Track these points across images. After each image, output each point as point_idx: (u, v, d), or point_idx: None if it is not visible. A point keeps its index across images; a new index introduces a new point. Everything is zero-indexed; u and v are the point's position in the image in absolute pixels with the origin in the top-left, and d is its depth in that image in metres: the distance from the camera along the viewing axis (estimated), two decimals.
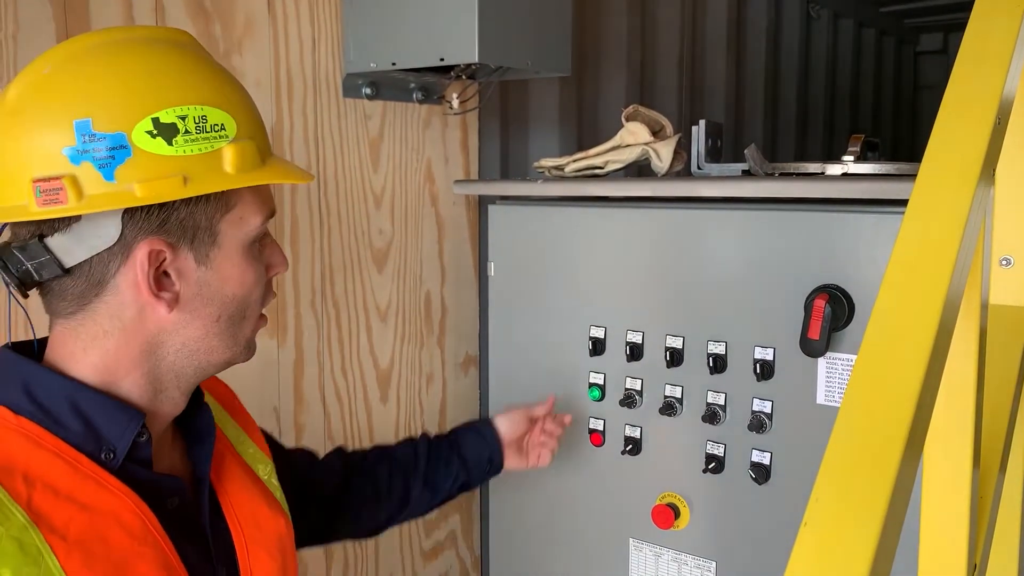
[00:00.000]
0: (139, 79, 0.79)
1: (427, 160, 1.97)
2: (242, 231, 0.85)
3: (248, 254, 0.86)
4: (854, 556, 0.56)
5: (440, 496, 1.39)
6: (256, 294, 0.89)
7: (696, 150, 1.62)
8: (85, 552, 0.75)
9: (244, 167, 0.83)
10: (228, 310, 0.86)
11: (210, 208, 0.83)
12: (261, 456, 1.04)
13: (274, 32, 1.66)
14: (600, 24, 2.35)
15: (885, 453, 0.61)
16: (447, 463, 1.38)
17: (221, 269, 0.85)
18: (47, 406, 0.80)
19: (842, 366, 1.36)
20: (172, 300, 0.82)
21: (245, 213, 0.85)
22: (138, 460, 0.83)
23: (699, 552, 1.56)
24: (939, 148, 0.85)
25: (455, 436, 1.43)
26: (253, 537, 0.93)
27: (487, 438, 1.43)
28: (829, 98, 3.70)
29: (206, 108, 0.81)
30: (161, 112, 0.78)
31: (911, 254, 0.77)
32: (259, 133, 0.87)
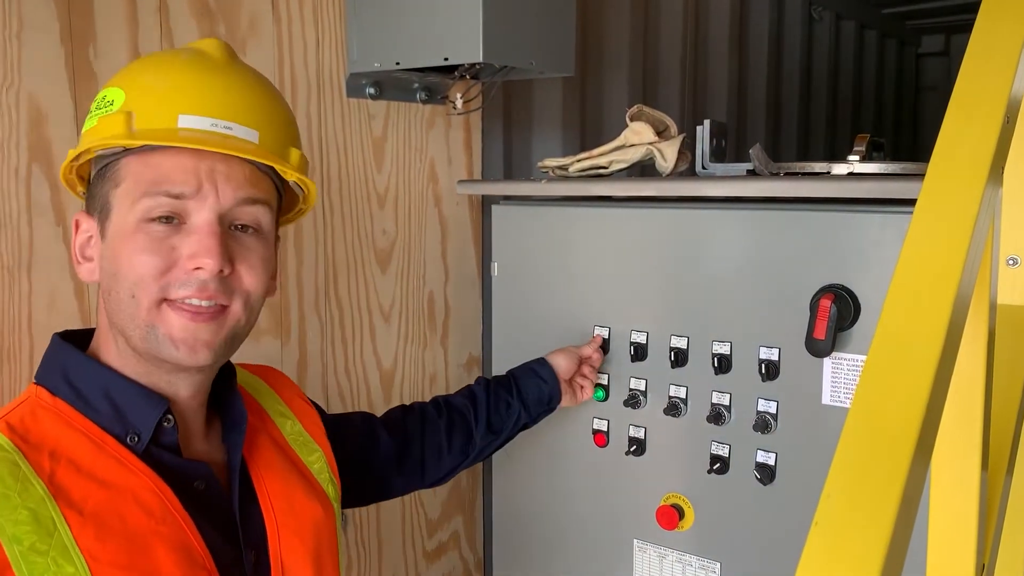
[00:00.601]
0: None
1: (430, 160, 1.97)
2: (129, 204, 0.87)
3: (137, 231, 0.86)
4: (866, 556, 0.56)
5: (502, 438, 1.45)
6: (139, 272, 0.85)
7: (700, 150, 1.62)
8: (99, 526, 0.79)
9: (103, 136, 0.87)
10: (115, 286, 0.87)
11: (106, 182, 0.89)
12: (311, 445, 1.07)
13: (278, 32, 1.66)
14: (603, 24, 2.35)
15: (896, 452, 0.61)
16: (508, 405, 1.43)
17: (112, 243, 0.88)
18: (81, 389, 0.87)
19: (848, 366, 1.36)
20: (90, 271, 0.90)
21: (131, 188, 0.87)
22: (164, 445, 0.88)
23: (704, 553, 1.56)
24: (947, 147, 0.84)
25: (514, 378, 1.48)
26: (286, 523, 0.95)
27: (546, 379, 1.48)
28: (831, 99, 3.70)
29: (111, 89, 0.90)
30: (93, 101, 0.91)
31: (920, 254, 0.76)
32: (149, 108, 0.87)
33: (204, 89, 0.89)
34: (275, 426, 1.06)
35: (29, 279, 1.38)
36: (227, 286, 0.88)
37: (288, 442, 1.05)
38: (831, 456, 1.41)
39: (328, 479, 1.07)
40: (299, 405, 1.12)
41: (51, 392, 0.87)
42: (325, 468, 1.07)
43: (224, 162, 0.88)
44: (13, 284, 1.36)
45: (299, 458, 1.05)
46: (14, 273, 1.36)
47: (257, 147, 0.89)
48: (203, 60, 0.91)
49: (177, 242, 0.86)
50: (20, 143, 1.35)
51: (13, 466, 0.80)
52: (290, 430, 1.07)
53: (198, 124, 0.87)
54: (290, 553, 0.95)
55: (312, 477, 1.04)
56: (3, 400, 1.36)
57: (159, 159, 0.86)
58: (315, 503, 1.00)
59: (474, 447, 1.40)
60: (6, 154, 1.34)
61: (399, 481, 1.32)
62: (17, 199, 1.36)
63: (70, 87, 1.40)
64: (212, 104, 0.89)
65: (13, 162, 1.35)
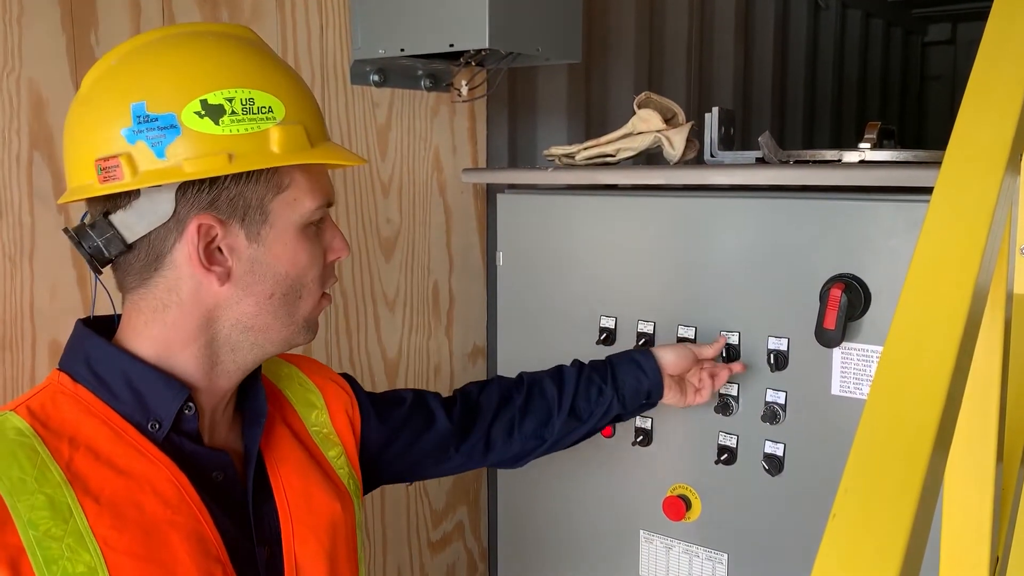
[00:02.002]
0: (190, 65, 0.85)
1: (435, 148, 1.95)
2: (295, 212, 0.88)
3: (302, 235, 0.90)
4: (886, 549, 0.55)
5: (589, 426, 1.34)
6: (311, 275, 0.91)
7: (709, 138, 1.60)
8: (115, 515, 0.80)
9: (290, 148, 0.86)
10: (281, 288, 0.89)
11: (260, 188, 0.87)
12: (332, 438, 1.06)
13: (281, 19, 1.65)
14: (608, 12, 2.33)
15: (915, 445, 0.60)
16: (600, 391, 1.33)
17: (273, 247, 0.88)
18: (103, 377, 0.87)
19: (858, 356, 1.35)
20: (224, 274, 0.87)
21: (298, 195, 0.89)
22: (185, 433, 0.88)
23: (711, 544, 1.55)
24: (964, 135, 0.83)
25: (612, 365, 1.36)
26: (301, 519, 0.95)
27: (647, 371, 1.36)
28: (837, 88, 3.68)
29: (254, 92, 0.85)
30: (209, 94, 0.83)
31: (938, 244, 0.75)
32: (311, 119, 0.90)
33: (311, 93, 0.93)
34: (298, 418, 1.05)
35: (31, 267, 1.36)
36: None
37: (310, 435, 1.04)
38: (840, 447, 1.41)
39: (348, 474, 1.06)
40: (332, 391, 1.11)
41: (73, 379, 0.87)
42: (345, 463, 1.06)
43: None
44: (15, 272, 1.35)
45: (321, 452, 1.04)
46: (16, 261, 1.35)
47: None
48: (277, 57, 0.93)
49: (322, 240, 0.93)
50: (21, 130, 1.34)
51: (32, 451, 0.80)
52: (314, 421, 1.06)
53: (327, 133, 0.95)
54: (304, 550, 0.94)
55: (332, 472, 1.03)
56: (5, 389, 1.35)
57: (318, 170, 0.91)
58: (333, 500, 0.99)
59: (552, 431, 1.31)
60: (7, 141, 1.33)
61: (458, 458, 1.28)
62: (19, 186, 1.34)
63: (71, 73, 1.38)
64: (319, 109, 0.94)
65: (15, 149, 1.34)
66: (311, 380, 1.10)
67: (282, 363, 1.11)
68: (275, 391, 1.05)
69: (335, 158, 0.91)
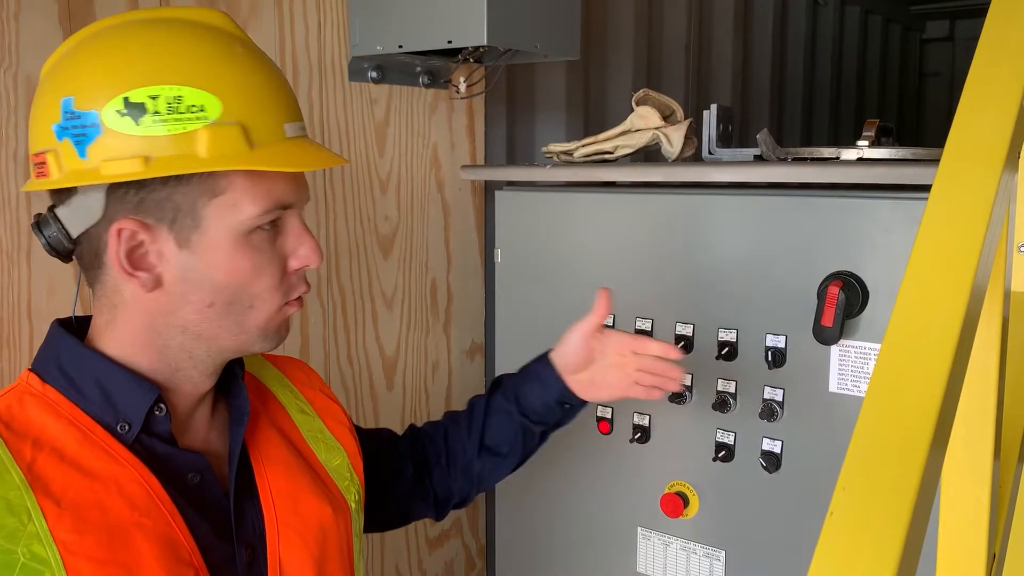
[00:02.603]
0: (120, 59, 0.80)
1: (433, 145, 1.95)
2: (233, 218, 0.82)
3: (243, 242, 0.83)
4: (883, 547, 0.55)
5: (513, 456, 1.22)
6: (262, 284, 0.85)
7: (707, 135, 1.60)
8: (77, 517, 0.77)
9: (221, 152, 0.79)
10: (222, 297, 0.84)
11: (192, 191, 0.81)
12: (332, 443, 1.03)
13: (279, 15, 1.64)
14: (607, 9, 2.33)
15: (913, 442, 0.60)
16: (508, 417, 1.21)
17: (207, 255, 0.83)
18: (73, 377, 0.84)
19: (855, 354, 1.35)
20: (151, 281, 0.83)
21: (237, 200, 0.82)
22: (156, 434, 0.85)
23: (708, 541, 1.55)
24: (963, 132, 0.83)
25: (515, 384, 1.23)
26: (287, 522, 0.91)
27: (546, 381, 1.20)
28: (835, 85, 3.68)
29: (184, 89, 0.79)
30: (132, 92, 0.78)
31: (936, 241, 0.75)
32: (259, 117, 0.82)
33: (281, 89, 0.86)
34: (291, 421, 1.01)
35: (28, 265, 1.36)
36: None
37: (305, 439, 1.01)
38: (838, 444, 1.41)
39: (348, 480, 1.02)
40: (322, 402, 1.07)
41: (42, 379, 0.85)
42: (346, 468, 1.03)
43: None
44: (12, 269, 1.35)
45: (315, 456, 1.00)
46: (13, 258, 1.35)
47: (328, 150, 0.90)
48: (255, 52, 0.86)
49: (281, 245, 0.87)
50: (19, 126, 1.34)
51: None
52: (308, 427, 1.02)
53: (294, 131, 0.86)
54: (289, 553, 0.91)
55: (327, 476, 1.00)
56: (2, 387, 1.35)
57: (267, 173, 0.83)
58: (324, 504, 0.95)
59: (474, 471, 1.23)
60: (4, 138, 1.33)
61: (418, 506, 1.23)
62: (16, 183, 1.34)
63: None
64: (292, 106, 0.87)
65: (11, 146, 1.33)
66: (299, 391, 1.06)
67: (267, 365, 1.07)
68: (264, 391, 1.02)
69: (280, 164, 0.82)
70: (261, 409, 0.99)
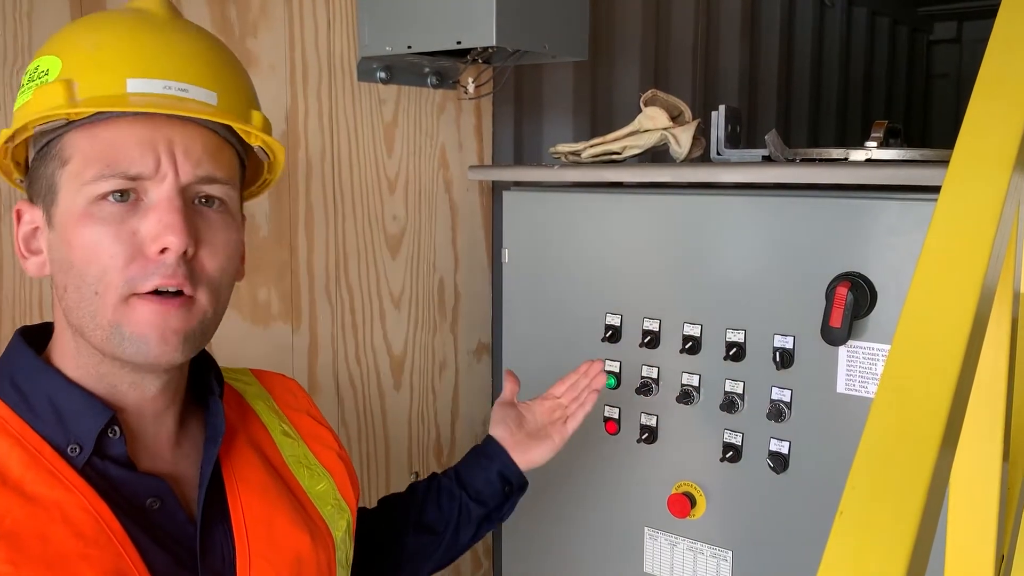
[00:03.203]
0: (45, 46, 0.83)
1: (441, 145, 1.96)
2: (77, 185, 0.76)
3: (86, 215, 0.76)
4: (893, 547, 0.55)
5: (445, 537, 1.18)
6: (101, 264, 0.75)
7: (715, 136, 1.60)
8: (13, 547, 0.70)
9: (41, 108, 0.76)
10: (72, 280, 0.77)
11: (49, 164, 0.78)
12: (316, 469, 0.97)
13: (289, 15, 1.65)
14: (615, 9, 2.33)
15: (923, 443, 0.60)
16: (450, 497, 1.18)
17: (61, 231, 0.77)
18: (26, 392, 0.79)
19: (863, 355, 1.35)
20: (37, 264, 0.81)
21: (79, 167, 0.76)
22: (111, 458, 0.79)
23: (715, 541, 1.55)
24: (972, 133, 0.83)
25: (459, 463, 1.23)
26: (260, 551, 0.84)
27: (491, 453, 1.21)
28: (842, 86, 3.67)
29: (43, 58, 0.79)
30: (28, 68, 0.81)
31: (945, 243, 0.75)
32: (92, 73, 0.77)
33: (152, 48, 0.79)
34: (272, 443, 0.95)
35: None
36: (192, 272, 0.78)
37: (286, 463, 0.94)
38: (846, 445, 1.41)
39: (333, 505, 0.95)
40: (308, 426, 1.00)
41: None
42: (332, 494, 0.96)
43: (182, 131, 0.78)
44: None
45: (296, 481, 0.93)
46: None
47: (216, 109, 0.80)
48: (146, 18, 0.82)
49: (136, 223, 0.76)
50: None
51: None
52: (291, 451, 0.95)
53: (149, 88, 0.77)
54: None
55: (309, 503, 0.92)
56: None
57: (109, 132, 0.76)
58: (302, 532, 0.88)
59: (406, 552, 1.16)
60: None
61: None
62: None
63: None
64: (163, 64, 0.78)
65: None
66: (284, 414, 0.99)
67: (254, 382, 1.01)
68: (246, 409, 0.96)
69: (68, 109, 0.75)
70: (240, 428, 0.92)
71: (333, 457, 1.00)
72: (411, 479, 1.93)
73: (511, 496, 1.22)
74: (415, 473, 1.98)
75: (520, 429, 1.24)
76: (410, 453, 1.97)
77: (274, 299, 1.67)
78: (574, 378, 1.29)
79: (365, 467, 1.88)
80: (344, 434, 1.83)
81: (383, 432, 1.91)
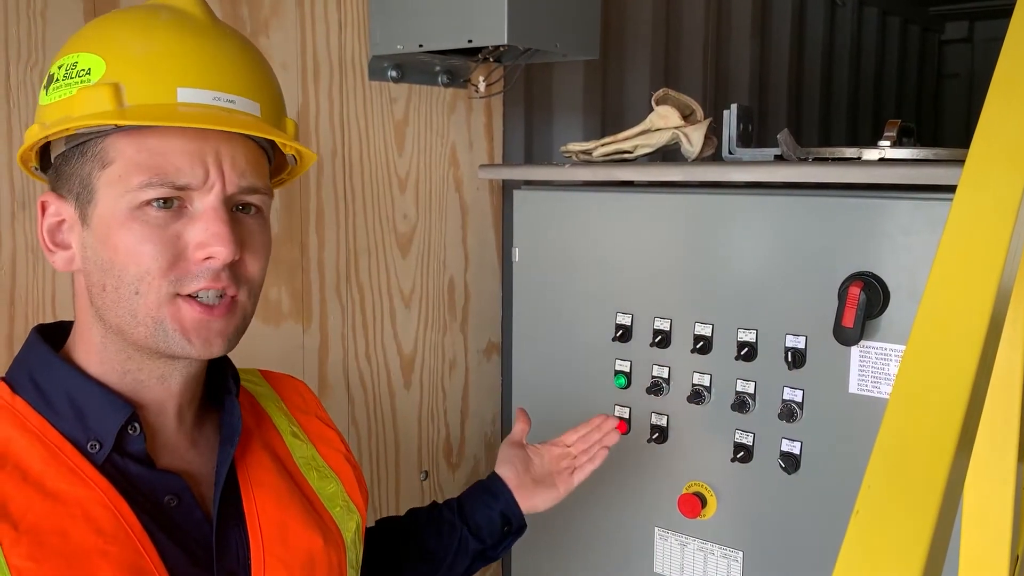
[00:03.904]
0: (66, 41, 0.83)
1: (452, 144, 1.96)
2: (121, 191, 0.77)
3: (132, 218, 0.76)
4: (909, 547, 0.55)
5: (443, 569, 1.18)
6: (148, 267, 0.77)
7: (727, 134, 1.60)
8: (35, 543, 0.71)
9: (89, 111, 0.76)
10: (111, 280, 0.78)
11: (88, 163, 0.78)
12: (325, 471, 0.97)
13: (301, 14, 1.65)
14: (626, 8, 2.33)
15: (939, 443, 0.60)
16: (451, 528, 1.19)
17: (99, 231, 0.78)
18: (45, 389, 0.80)
19: (876, 355, 1.34)
20: (65, 259, 0.81)
21: (124, 171, 0.77)
22: (131, 454, 0.79)
23: (726, 542, 1.55)
24: (989, 132, 0.83)
25: (460, 497, 1.24)
26: (274, 552, 0.84)
27: (495, 491, 1.22)
28: (853, 85, 3.66)
29: (81, 55, 0.78)
30: (53, 66, 0.81)
31: (962, 241, 0.75)
32: (141, 78, 0.77)
33: (202, 57, 0.79)
34: (284, 445, 0.95)
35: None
36: (235, 275, 0.80)
37: (297, 465, 0.95)
38: (858, 446, 1.41)
39: (342, 506, 0.96)
40: (316, 428, 1.01)
41: (12, 389, 0.80)
42: (340, 494, 0.97)
43: (228, 142, 0.79)
44: (36, 264, 1.36)
45: (307, 483, 0.94)
46: (38, 253, 1.36)
47: (260, 121, 0.81)
48: (189, 22, 0.81)
49: (181, 229, 0.78)
50: None
51: None
52: (300, 453, 0.96)
53: (199, 98, 0.78)
54: None
55: (320, 505, 0.93)
56: None
57: (157, 140, 0.77)
58: (315, 534, 0.89)
59: None
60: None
61: None
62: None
63: None
64: (212, 75, 0.79)
65: None
66: (294, 417, 1.00)
67: (264, 383, 1.01)
68: (260, 411, 0.97)
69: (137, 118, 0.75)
70: (255, 429, 0.93)
71: (340, 460, 1.00)
72: (420, 479, 1.94)
73: (508, 536, 1.23)
74: (424, 472, 1.98)
75: (526, 473, 1.25)
76: (420, 452, 1.97)
77: (285, 298, 1.68)
78: (586, 430, 1.29)
79: (375, 465, 1.88)
80: (354, 433, 1.83)
81: (393, 431, 1.91)
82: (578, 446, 1.29)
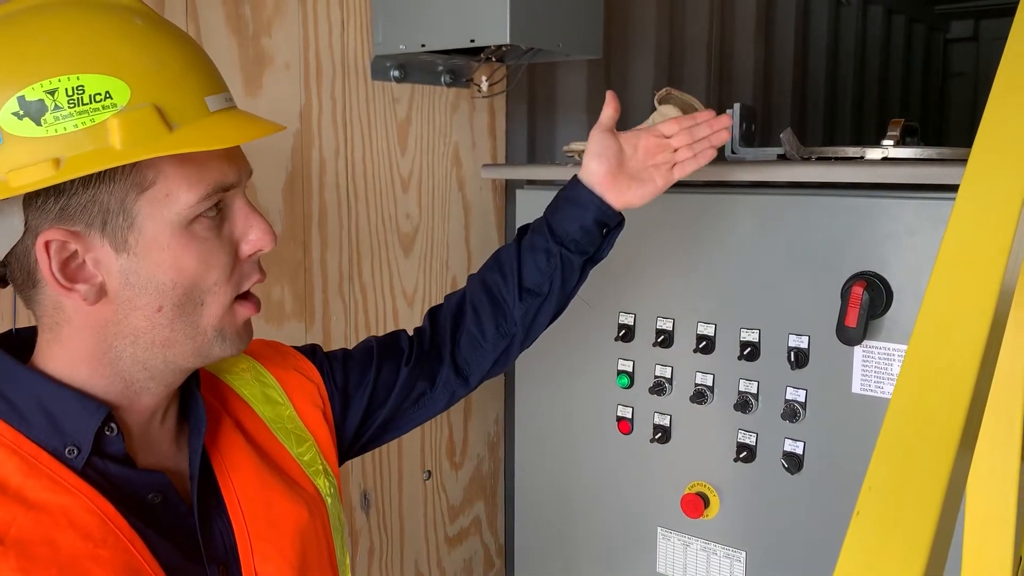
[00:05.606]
0: (9, 53, 0.71)
1: (454, 144, 1.96)
2: (169, 210, 0.75)
3: (186, 234, 0.76)
4: (910, 548, 0.55)
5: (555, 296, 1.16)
6: (212, 278, 0.78)
7: (730, 134, 1.59)
8: (23, 555, 0.70)
9: (136, 140, 0.71)
10: (170, 299, 0.77)
11: (118, 188, 0.73)
12: (302, 432, 0.97)
13: (303, 14, 1.65)
14: (628, 7, 2.32)
15: (941, 443, 0.60)
16: (547, 255, 1.14)
17: (147, 255, 0.75)
18: (14, 401, 0.77)
19: (879, 355, 1.34)
20: (93, 292, 0.75)
21: (171, 189, 0.74)
22: (110, 456, 0.78)
23: (729, 542, 1.55)
24: (992, 131, 0.82)
25: (546, 218, 1.17)
26: (261, 534, 0.85)
27: (583, 202, 1.15)
28: (858, 85, 3.65)
29: (84, 77, 0.70)
30: (27, 89, 0.69)
31: (964, 240, 0.74)
32: (173, 94, 0.74)
33: (202, 59, 0.78)
34: (256, 417, 0.94)
35: None
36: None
37: (273, 433, 0.94)
38: (861, 445, 1.40)
39: (320, 471, 0.96)
40: (296, 381, 1.00)
41: None
42: (317, 458, 0.96)
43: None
44: None
45: (285, 451, 0.94)
46: None
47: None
48: (162, 23, 0.77)
49: (228, 230, 0.79)
50: None
51: None
52: (275, 417, 0.95)
53: (217, 104, 0.77)
54: (266, 566, 0.84)
55: (300, 472, 0.93)
56: None
57: (197, 153, 0.75)
58: (299, 506, 0.89)
59: (514, 323, 1.15)
60: None
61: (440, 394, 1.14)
62: None
63: None
64: (215, 77, 0.78)
65: None
66: (271, 373, 0.99)
67: (241, 357, 0.99)
68: (223, 389, 0.95)
69: (207, 142, 0.73)
70: (222, 411, 0.92)
71: (318, 417, 0.99)
72: (423, 478, 1.94)
73: (609, 235, 1.19)
74: (427, 471, 1.98)
75: (620, 168, 1.17)
76: (423, 451, 1.97)
77: (288, 298, 1.68)
78: (690, 123, 1.19)
79: (377, 465, 1.88)
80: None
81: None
82: (679, 139, 1.18)
